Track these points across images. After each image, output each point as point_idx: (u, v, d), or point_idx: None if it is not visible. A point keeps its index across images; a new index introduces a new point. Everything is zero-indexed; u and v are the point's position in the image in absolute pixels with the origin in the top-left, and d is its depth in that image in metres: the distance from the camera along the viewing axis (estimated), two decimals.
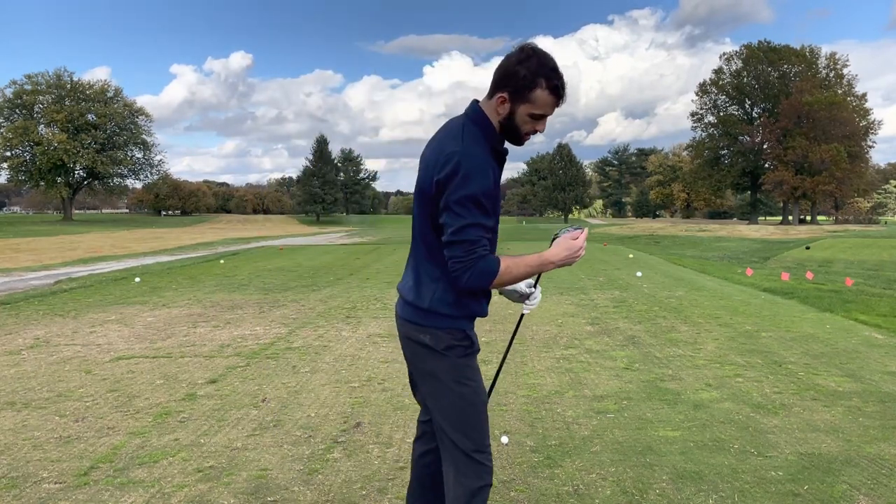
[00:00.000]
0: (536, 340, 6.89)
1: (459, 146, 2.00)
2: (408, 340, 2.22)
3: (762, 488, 3.25)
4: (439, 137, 2.13)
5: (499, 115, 2.07)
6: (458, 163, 1.96)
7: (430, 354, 2.16)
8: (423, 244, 2.15)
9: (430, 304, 2.13)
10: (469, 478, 2.17)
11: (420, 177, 2.13)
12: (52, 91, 69.46)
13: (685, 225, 60.04)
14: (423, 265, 2.17)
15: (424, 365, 2.19)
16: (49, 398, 4.86)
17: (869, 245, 29.11)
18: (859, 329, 7.41)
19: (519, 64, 2.00)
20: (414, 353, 2.22)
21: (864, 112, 71.76)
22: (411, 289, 2.20)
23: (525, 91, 2.01)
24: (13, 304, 9.77)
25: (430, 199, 2.05)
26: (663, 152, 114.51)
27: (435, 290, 2.13)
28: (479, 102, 2.13)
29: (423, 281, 2.16)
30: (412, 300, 2.17)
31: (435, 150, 2.07)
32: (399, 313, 2.26)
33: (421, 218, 2.13)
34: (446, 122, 2.19)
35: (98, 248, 26.19)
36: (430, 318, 2.14)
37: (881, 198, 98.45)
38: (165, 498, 3.17)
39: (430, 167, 2.05)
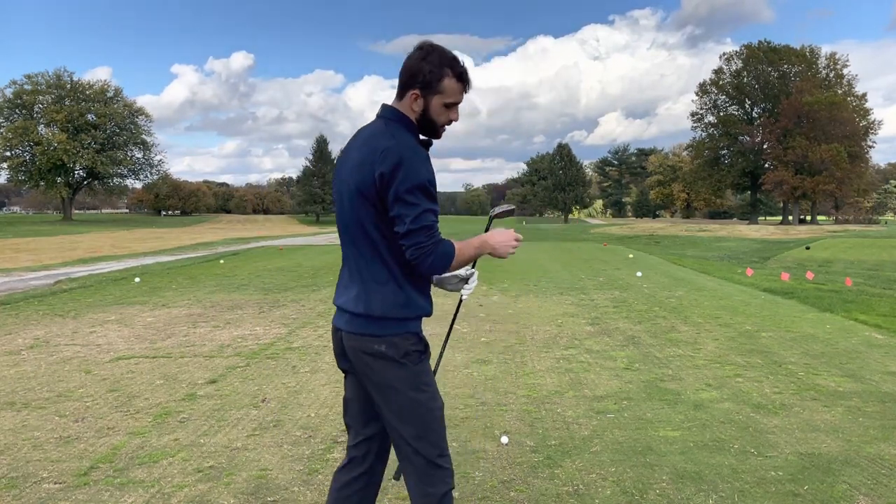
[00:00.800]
0: (536, 340, 6.89)
1: (393, 141, 2.04)
2: (360, 355, 2.13)
3: (762, 488, 3.25)
4: (364, 138, 2.13)
5: (414, 112, 2.13)
6: (401, 154, 2.00)
7: (388, 365, 2.10)
8: (367, 247, 2.11)
9: (383, 310, 2.09)
10: (436, 485, 2.15)
11: (352, 180, 2.09)
12: (51, 91, 69.45)
13: (685, 225, 60.04)
14: (366, 271, 2.12)
15: (381, 377, 2.12)
16: (49, 398, 4.86)
17: (869, 245, 29.11)
18: (859, 329, 7.41)
19: (423, 60, 2.10)
20: (367, 367, 2.13)
21: (864, 112, 71.76)
22: (357, 299, 2.13)
23: (434, 83, 2.10)
24: (13, 304, 9.77)
25: (374, 195, 2.03)
26: (663, 152, 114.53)
27: (385, 295, 2.10)
28: (387, 106, 2.19)
29: (371, 288, 2.11)
30: (362, 310, 2.11)
31: (366, 151, 2.07)
32: (344, 329, 2.17)
33: (361, 220, 2.09)
34: (361, 129, 2.22)
35: (98, 248, 26.19)
36: (385, 326, 2.10)
37: (881, 197, 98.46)
38: (165, 498, 3.17)
39: (365, 165, 2.04)
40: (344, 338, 2.17)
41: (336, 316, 2.25)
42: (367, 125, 2.20)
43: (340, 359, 2.27)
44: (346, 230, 2.17)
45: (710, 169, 76.20)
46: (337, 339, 2.24)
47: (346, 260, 2.23)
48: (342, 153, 2.25)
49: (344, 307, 2.18)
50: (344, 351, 2.22)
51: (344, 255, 2.24)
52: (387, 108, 2.17)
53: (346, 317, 2.17)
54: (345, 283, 2.24)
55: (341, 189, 2.16)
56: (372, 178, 2.02)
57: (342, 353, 2.24)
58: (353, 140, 2.20)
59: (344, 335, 2.17)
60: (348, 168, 2.13)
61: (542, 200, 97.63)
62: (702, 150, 77.08)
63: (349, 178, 2.11)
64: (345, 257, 2.23)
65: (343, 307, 2.19)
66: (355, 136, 2.21)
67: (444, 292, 2.79)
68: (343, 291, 2.23)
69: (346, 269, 2.23)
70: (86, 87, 71.51)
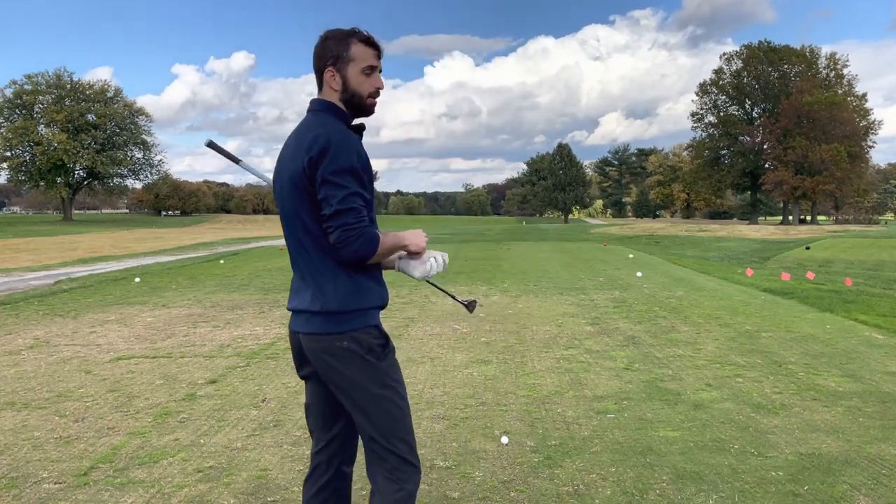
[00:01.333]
0: (536, 340, 6.89)
1: (322, 129, 2.03)
2: (322, 357, 2.07)
3: (762, 488, 3.25)
4: (296, 133, 2.14)
5: (335, 91, 2.13)
6: (328, 139, 1.99)
7: (352, 363, 2.05)
8: (308, 240, 2.06)
9: (339, 303, 2.04)
10: (407, 482, 2.11)
11: (287, 171, 2.08)
12: (52, 91, 69.42)
13: (685, 225, 60.04)
14: (314, 265, 2.07)
15: (345, 377, 2.06)
16: (49, 398, 4.86)
17: (869, 245, 29.11)
18: (859, 329, 7.41)
19: (326, 41, 2.13)
20: (331, 368, 2.07)
21: (864, 112, 71.77)
22: (313, 298, 2.07)
23: (343, 53, 2.11)
24: (13, 304, 9.77)
25: (306, 183, 2.01)
26: (663, 152, 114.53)
27: (337, 287, 2.05)
28: (315, 99, 2.20)
29: (321, 283, 2.06)
30: (319, 308, 2.04)
31: (297, 142, 2.07)
32: (303, 331, 2.10)
33: (298, 212, 2.06)
34: (298, 124, 2.21)
35: (98, 248, 26.19)
36: (344, 321, 2.04)
37: (881, 197, 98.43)
38: (165, 498, 3.17)
39: (298, 154, 2.03)
40: (303, 341, 2.11)
41: (292, 320, 2.20)
42: (302, 120, 2.19)
43: (301, 365, 2.24)
44: (289, 227, 2.13)
45: (710, 169, 76.19)
46: (295, 344, 2.20)
47: (294, 261, 2.18)
48: (283, 147, 2.21)
49: (300, 308, 2.12)
50: (304, 356, 2.17)
51: (292, 257, 2.18)
52: (314, 101, 2.18)
53: (303, 318, 2.11)
54: (297, 285, 2.18)
55: (281, 186, 2.12)
56: (302, 167, 2.00)
57: (302, 358, 2.20)
58: (289, 137, 2.19)
59: (303, 338, 2.11)
60: (283, 159, 2.13)
61: (542, 200, 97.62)
62: (702, 150, 77.08)
63: (283, 172, 2.10)
64: (293, 259, 2.18)
65: (299, 309, 2.13)
66: (293, 133, 2.19)
67: (457, 292, 2.77)
68: (296, 294, 2.17)
69: (297, 271, 2.17)
70: (86, 87, 71.51)
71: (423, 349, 6.47)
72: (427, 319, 8.16)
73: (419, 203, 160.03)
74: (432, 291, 10.59)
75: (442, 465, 3.56)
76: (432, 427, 4.18)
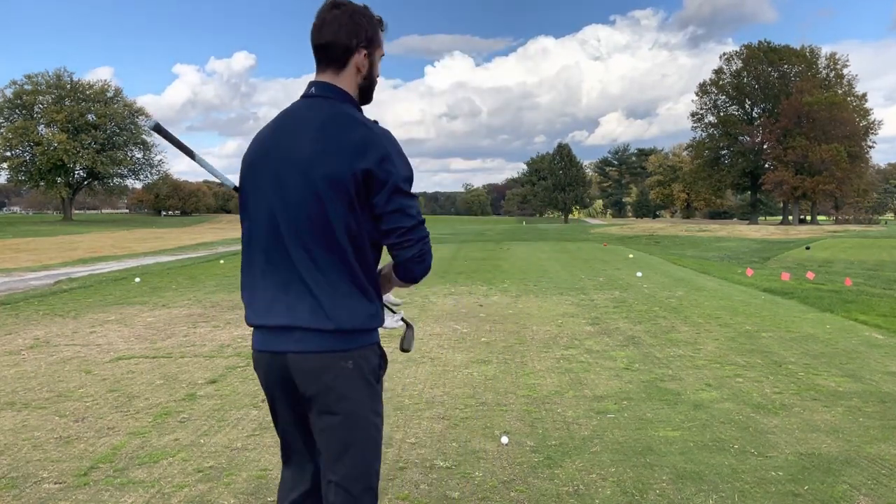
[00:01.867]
0: (536, 340, 6.89)
1: (364, 127, 1.80)
2: (318, 377, 1.81)
3: (762, 488, 3.25)
4: (321, 123, 1.82)
5: (359, 78, 1.90)
6: (385, 144, 1.79)
7: (354, 384, 1.83)
8: (326, 251, 1.79)
9: (354, 322, 1.81)
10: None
11: (318, 172, 1.77)
12: (51, 91, 69.42)
13: (685, 225, 60.04)
14: (323, 278, 1.79)
15: (343, 399, 1.82)
16: (49, 398, 4.86)
17: (869, 245, 29.11)
18: (859, 329, 7.41)
19: (358, 16, 1.87)
20: (329, 390, 1.81)
21: (864, 112, 71.78)
22: (315, 313, 1.79)
23: (375, 36, 1.92)
24: (13, 304, 9.77)
25: (352, 193, 1.75)
26: (663, 152, 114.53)
27: (353, 306, 1.81)
28: (326, 84, 1.89)
29: (333, 297, 1.79)
30: (332, 326, 1.78)
31: (330, 138, 1.79)
32: (295, 349, 1.82)
33: (328, 220, 1.77)
34: (296, 110, 1.90)
35: (98, 248, 26.19)
36: (353, 339, 1.83)
37: (881, 197, 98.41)
38: (165, 498, 3.17)
39: (339, 155, 1.75)
40: (295, 361, 1.82)
41: (269, 338, 1.87)
42: (304, 106, 1.89)
43: (280, 391, 1.91)
44: (293, 229, 1.81)
45: (710, 169, 76.20)
46: (276, 366, 1.86)
47: (275, 265, 1.85)
48: (271, 136, 1.89)
49: (289, 325, 1.81)
50: (286, 378, 1.86)
51: (270, 261, 1.86)
52: (327, 86, 1.88)
53: (295, 335, 1.81)
54: (270, 297, 1.85)
55: (294, 184, 1.80)
56: (351, 174, 1.74)
57: (284, 381, 1.87)
58: (292, 122, 1.87)
59: (294, 358, 1.82)
60: (304, 157, 1.79)
61: (542, 200, 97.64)
62: (702, 150, 77.10)
63: (309, 169, 1.78)
64: (273, 262, 1.85)
65: (287, 325, 1.82)
66: (291, 116, 1.89)
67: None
68: (274, 307, 1.84)
69: (276, 278, 1.85)
70: (86, 87, 71.49)
71: (424, 349, 6.47)
72: (427, 319, 8.16)
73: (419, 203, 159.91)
74: (432, 291, 10.60)
75: (442, 465, 3.56)
76: (432, 427, 4.18)
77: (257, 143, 1.92)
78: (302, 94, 1.93)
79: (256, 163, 1.89)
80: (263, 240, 1.87)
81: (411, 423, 4.23)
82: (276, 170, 1.84)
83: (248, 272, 1.93)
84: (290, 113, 1.90)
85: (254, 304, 1.90)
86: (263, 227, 1.86)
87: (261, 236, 1.88)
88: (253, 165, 1.90)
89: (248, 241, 1.92)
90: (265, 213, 1.86)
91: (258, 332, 1.91)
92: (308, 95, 1.90)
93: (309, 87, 1.91)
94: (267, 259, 1.86)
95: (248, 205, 1.92)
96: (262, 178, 1.87)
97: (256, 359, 1.94)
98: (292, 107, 1.92)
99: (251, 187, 1.90)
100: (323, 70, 1.90)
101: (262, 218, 1.87)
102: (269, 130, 1.91)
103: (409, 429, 4.14)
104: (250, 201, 1.90)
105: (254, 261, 1.90)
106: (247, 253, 1.93)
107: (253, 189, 1.89)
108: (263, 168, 1.87)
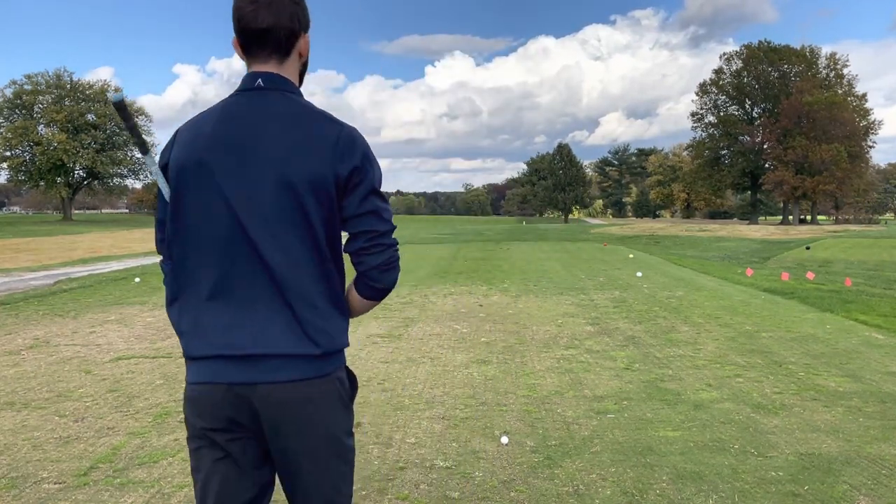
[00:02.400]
0: (536, 341, 6.89)
1: (338, 125, 1.63)
2: (299, 408, 1.57)
3: (762, 489, 3.25)
4: (292, 119, 1.60)
5: (301, 60, 1.71)
6: (363, 143, 1.64)
7: (333, 410, 1.62)
8: (304, 260, 1.57)
9: (336, 342, 1.61)
10: None
11: (295, 171, 1.55)
12: (51, 91, 69.45)
13: (685, 225, 60.03)
14: (305, 294, 1.57)
15: (323, 428, 1.61)
16: (49, 398, 4.86)
17: (869, 245, 29.11)
18: (859, 329, 7.41)
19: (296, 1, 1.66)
20: (308, 421, 1.58)
21: (864, 112, 71.76)
22: (296, 335, 1.55)
23: (308, 18, 1.71)
24: (13, 304, 9.77)
25: (332, 194, 1.58)
26: (663, 152, 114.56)
27: (333, 322, 1.61)
28: (275, 75, 1.64)
29: (314, 312, 1.57)
30: (309, 350, 1.56)
31: (302, 135, 1.58)
32: (270, 380, 1.55)
33: (308, 224, 1.57)
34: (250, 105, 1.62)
35: (98, 248, 26.18)
36: (331, 361, 1.61)
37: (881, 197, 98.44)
38: (165, 498, 3.17)
39: (318, 154, 1.56)
40: (268, 393, 1.55)
41: (228, 369, 1.56)
42: (256, 100, 1.62)
43: (235, 431, 1.61)
44: (267, 237, 1.56)
45: (711, 169, 76.19)
46: (235, 401, 1.57)
47: (235, 280, 1.58)
48: (224, 131, 1.61)
49: (269, 352, 1.55)
50: (249, 415, 1.58)
51: (227, 275, 1.58)
52: (276, 78, 1.64)
53: (273, 363, 1.55)
54: (234, 317, 1.57)
55: (252, 182, 1.56)
56: (333, 174, 1.56)
57: (246, 419, 1.58)
58: (250, 117, 1.61)
59: (268, 390, 1.55)
60: (278, 156, 1.56)
61: (542, 200, 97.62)
62: (702, 150, 77.08)
63: (285, 169, 1.55)
64: (232, 277, 1.58)
65: (267, 353, 1.55)
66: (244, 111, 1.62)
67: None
68: (243, 330, 1.56)
69: (237, 295, 1.58)
70: (86, 87, 71.53)
71: (423, 349, 6.47)
72: (427, 319, 8.16)
73: (419, 203, 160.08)
74: (432, 291, 10.59)
75: (442, 465, 3.56)
76: (432, 427, 4.18)
77: (202, 139, 1.61)
78: (242, 88, 1.66)
79: (206, 161, 1.59)
80: (218, 251, 1.58)
81: (411, 423, 4.23)
82: (236, 170, 1.57)
83: (187, 290, 1.62)
84: (240, 108, 1.63)
85: (200, 329, 1.59)
86: (218, 236, 1.58)
87: (213, 247, 1.58)
88: (202, 164, 1.59)
89: (185, 252, 1.62)
90: (222, 220, 1.57)
91: (207, 362, 1.58)
92: (254, 88, 1.63)
93: (252, 79, 1.63)
94: (222, 273, 1.57)
95: (187, 209, 1.61)
96: (213, 179, 1.58)
97: (201, 393, 1.59)
98: (238, 102, 1.64)
99: (195, 188, 1.60)
100: (264, 59, 1.64)
101: (215, 225, 1.58)
102: (216, 125, 1.62)
103: (409, 429, 4.14)
104: (192, 204, 1.60)
105: (196, 277, 1.60)
106: (183, 267, 1.62)
107: (198, 190, 1.60)
108: (217, 167, 1.58)
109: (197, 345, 1.59)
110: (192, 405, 1.63)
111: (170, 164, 1.67)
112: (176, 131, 1.72)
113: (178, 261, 1.64)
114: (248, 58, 1.66)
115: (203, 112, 1.69)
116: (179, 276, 1.64)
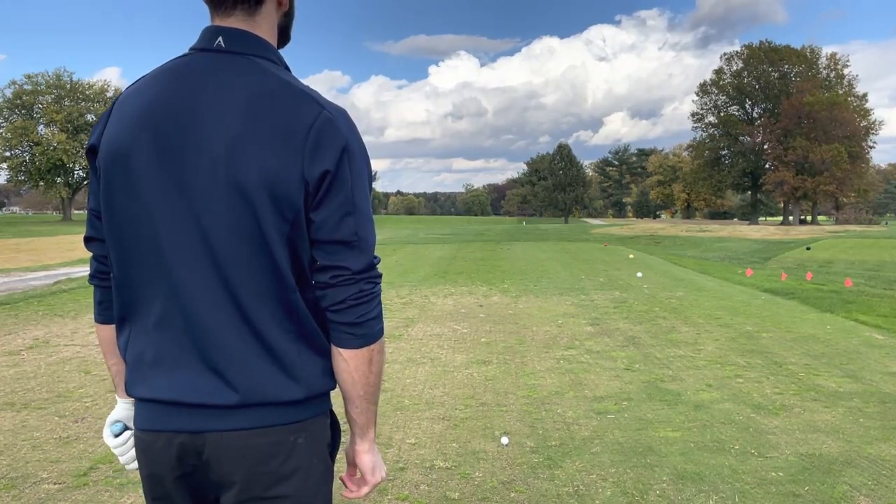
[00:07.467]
0: (536, 341, 6.89)
1: (314, 105, 1.20)
2: (259, 462, 1.22)
3: (763, 489, 3.24)
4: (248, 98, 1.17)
5: (281, 10, 1.32)
6: (345, 135, 1.20)
7: (305, 466, 1.28)
8: (265, 281, 1.19)
9: (312, 385, 1.27)
10: None
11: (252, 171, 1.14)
12: (51, 91, 69.47)
13: (686, 225, 60.02)
14: (272, 326, 1.20)
15: (291, 487, 1.26)
16: (49, 398, 4.85)
17: (869, 245, 29.11)
18: (860, 330, 7.41)
19: None
20: (272, 478, 1.24)
21: (864, 112, 71.78)
22: (256, 373, 1.20)
23: None
24: (13, 305, 9.77)
25: (296, 203, 1.17)
26: (663, 152, 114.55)
27: (305, 361, 1.26)
28: (239, 31, 1.24)
29: (283, 349, 1.22)
30: (276, 395, 1.21)
31: (263, 123, 1.16)
32: (219, 427, 1.20)
33: (264, 239, 1.17)
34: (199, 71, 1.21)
35: None
36: (306, 407, 1.28)
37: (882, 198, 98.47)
38: None
39: (286, 149, 1.15)
40: (221, 441, 1.21)
41: (173, 415, 1.22)
42: (209, 65, 1.22)
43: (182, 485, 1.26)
44: (211, 247, 1.17)
45: (711, 169, 76.22)
46: (181, 450, 1.22)
47: (182, 305, 1.19)
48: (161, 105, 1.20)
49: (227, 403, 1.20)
50: (197, 466, 1.24)
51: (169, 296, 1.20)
52: (241, 35, 1.24)
53: (228, 412, 1.20)
54: (180, 355, 1.21)
55: (193, 179, 1.17)
56: (299, 176, 1.15)
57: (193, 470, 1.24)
58: (196, 88, 1.20)
59: (221, 438, 1.21)
60: (223, 148, 1.15)
61: (543, 201, 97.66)
62: (702, 150, 77.12)
63: (232, 166, 1.15)
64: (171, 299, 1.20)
65: (223, 404, 1.20)
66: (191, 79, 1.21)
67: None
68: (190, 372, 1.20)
69: (179, 324, 1.20)
70: (85, 87, 71.57)
71: (423, 349, 6.46)
72: (427, 320, 8.15)
73: (419, 203, 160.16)
74: (432, 292, 10.58)
75: (442, 466, 3.55)
76: (432, 427, 4.18)
77: (130, 117, 1.22)
78: (198, 46, 1.25)
79: (130, 148, 1.20)
80: (149, 267, 1.21)
81: (411, 424, 4.23)
82: (168, 165, 1.18)
83: (132, 309, 1.26)
84: (190, 76, 1.21)
85: (144, 365, 1.25)
86: (154, 246, 1.20)
87: (145, 260, 1.21)
88: (126, 152, 1.20)
89: (123, 263, 1.25)
90: (145, 231, 1.21)
91: (151, 405, 1.25)
92: (212, 49, 1.23)
93: (212, 36, 1.24)
94: (160, 293, 1.21)
95: (120, 208, 1.22)
96: (137, 174, 1.19)
97: (145, 441, 1.28)
98: (190, 65, 1.23)
99: (121, 186, 1.21)
100: (228, 12, 1.24)
101: (145, 237, 1.21)
102: (153, 98, 1.21)
103: (409, 429, 4.14)
104: (124, 204, 1.22)
105: (140, 296, 1.24)
106: (122, 282, 1.26)
107: (129, 186, 1.20)
108: (142, 158, 1.19)
109: (137, 382, 1.28)
110: (139, 448, 1.33)
111: (101, 146, 1.25)
112: (114, 100, 1.30)
113: (116, 269, 1.27)
114: (211, 6, 1.26)
115: (148, 74, 1.29)
116: (121, 288, 1.27)
